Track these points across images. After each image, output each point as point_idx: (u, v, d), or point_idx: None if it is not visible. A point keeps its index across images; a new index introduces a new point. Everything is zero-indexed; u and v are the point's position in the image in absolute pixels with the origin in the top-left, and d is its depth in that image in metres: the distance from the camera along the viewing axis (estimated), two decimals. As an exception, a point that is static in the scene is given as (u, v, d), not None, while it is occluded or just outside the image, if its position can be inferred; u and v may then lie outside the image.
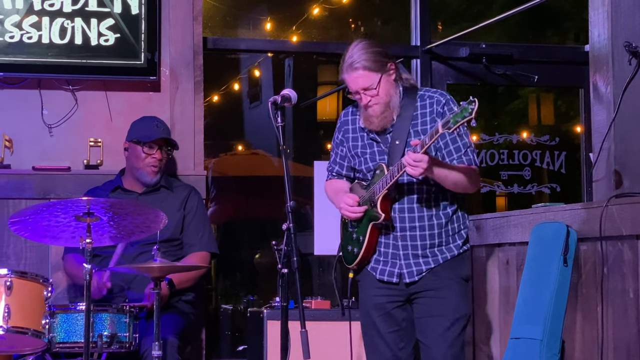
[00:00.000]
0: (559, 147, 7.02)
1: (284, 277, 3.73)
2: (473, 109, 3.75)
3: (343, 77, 4.17)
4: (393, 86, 4.17)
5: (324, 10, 7.51)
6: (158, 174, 5.10)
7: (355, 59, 4.11)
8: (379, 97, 4.13)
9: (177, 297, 4.98)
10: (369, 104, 4.15)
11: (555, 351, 4.33)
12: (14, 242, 5.34)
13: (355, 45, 4.15)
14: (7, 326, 4.15)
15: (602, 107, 4.79)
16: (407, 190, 4.18)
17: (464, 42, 6.49)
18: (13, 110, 5.49)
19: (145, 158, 5.07)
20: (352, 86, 4.15)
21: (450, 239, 4.21)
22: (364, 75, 4.10)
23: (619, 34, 4.72)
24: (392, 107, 4.16)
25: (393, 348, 4.24)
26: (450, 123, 3.80)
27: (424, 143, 3.91)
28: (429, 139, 3.90)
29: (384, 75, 4.13)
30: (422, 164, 3.90)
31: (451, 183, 4.09)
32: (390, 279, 4.20)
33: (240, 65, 8.49)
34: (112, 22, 5.48)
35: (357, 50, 4.13)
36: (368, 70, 4.10)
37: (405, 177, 4.12)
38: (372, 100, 4.13)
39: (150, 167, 5.07)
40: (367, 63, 4.10)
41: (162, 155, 5.08)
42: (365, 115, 4.20)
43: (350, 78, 4.14)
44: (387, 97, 4.15)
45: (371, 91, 4.12)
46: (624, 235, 4.18)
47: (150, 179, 5.09)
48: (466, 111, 3.76)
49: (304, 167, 7.43)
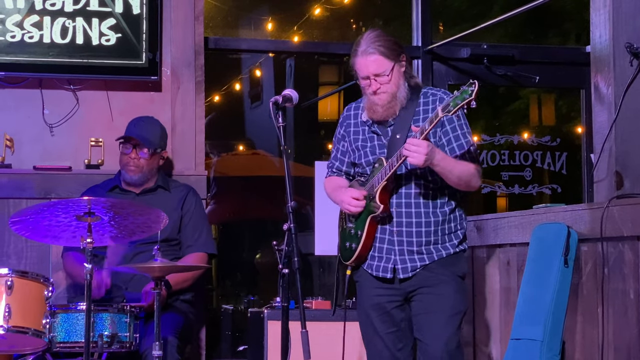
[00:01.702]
0: (560, 148, 7.02)
1: (285, 278, 3.73)
2: (473, 90, 3.75)
3: (355, 60, 4.15)
4: (402, 78, 4.17)
5: (325, 10, 7.51)
6: (139, 173, 5.07)
7: (370, 44, 4.10)
8: (389, 86, 4.12)
9: (175, 296, 4.98)
10: (377, 91, 4.13)
11: (555, 352, 4.33)
12: (15, 241, 5.34)
13: (371, 32, 4.16)
14: (8, 326, 4.15)
15: (603, 108, 4.79)
16: (405, 185, 4.17)
17: (465, 43, 6.49)
18: (14, 110, 5.50)
19: (122, 157, 5.08)
20: (363, 70, 4.13)
21: (446, 237, 4.20)
22: (378, 60, 4.09)
23: (621, 35, 4.72)
24: (399, 98, 4.15)
25: (391, 348, 4.24)
26: (450, 106, 3.80)
27: (424, 129, 3.91)
28: (428, 124, 3.90)
29: (397, 64, 4.13)
30: (421, 149, 3.88)
31: (456, 177, 4.07)
32: (384, 274, 4.19)
33: (241, 66, 8.49)
34: (114, 21, 5.49)
35: (373, 36, 4.13)
36: (383, 56, 4.10)
37: (404, 171, 4.11)
38: (381, 87, 4.12)
39: (127, 166, 5.07)
40: (382, 49, 4.10)
41: (137, 154, 5.06)
42: (370, 103, 4.19)
43: (364, 62, 4.12)
44: (396, 87, 4.14)
45: (382, 78, 4.11)
46: (624, 236, 4.19)
47: (130, 177, 5.08)
48: (466, 93, 3.76)
49: (305, 167, 7.42)
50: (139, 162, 5.06)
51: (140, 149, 5.05)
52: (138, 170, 5.06)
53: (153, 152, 5.08)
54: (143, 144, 5.04)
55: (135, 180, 5.08)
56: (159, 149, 5.13)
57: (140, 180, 5.09)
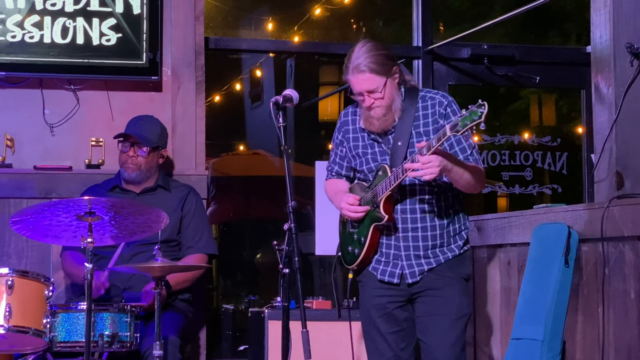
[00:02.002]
0: (561, 148, 7.02)
1: (285, 277, 3.73)
2: (482, 112, 3.72)
3: (347, 77, 4.14)
4: (396, 89, 4.16)
5: (326, 10, 7.52)
6: (137, 171, 5.07)
7: (361, 61, 4.07)
8: (382, 101, 4.11)
9: (173, 296, 4.98)
10: (371, 106, 4.14)
11: (556, 352, 4.33)
12: (16, 241, 5.34)
13: (362, 47, 4.12)
14: (8, 325, 4.15)
15: (603, 108, 4.79)
16: (409, 191, 4.17)
17: (466, 43, 6.49)
18: (15, 110, 5.50)
19: (121, 155, 5.09)
20: (356, 87, 4.13)
21: (451, 239, 4.20)
22: (369, 78, 4.08)
23: (621, 35, 4.72)
24: (394, 110, 4.15)
25: (394, 348, 4.23)
26: (458, 126, 3.77)
27: (431, 145, 3.89)
28: (435, 141, 3.87)
29: (389, 79, 4.11)
30: (433, 163, 3.87)
31: (465, 181, 4.06)
32: (391, 279, 4.19)
33: (241, 66, 8.50)
34: (114, 21, 5.48)
35: (364, 52, 4.10)
36: (374, 74, 4.08)
37: (408, 178, 4.11)
38: (375, 102, 4.12)
39: (125, 164, 5.07)
40: (373, 66, 4.07)
41: (135, 152, 5.06)
42: (366, 116, 4.19)
43: (356, 80, 4.11)
44: (390, 100, 4.13)
45: (375, 94, 4.10)
46: (625, 237, 4.18)
47: (128, 175, 5.08)
48: (475, 114, 3.74)
49: (305, 167, 7.43)
50: (137, 160, 5.06)
51: (138, 147, 5.05)
52: (136, 168, 5.06)
53: (151, 150, 5.08)
54: (141, 142, 5.04)
55: (134, 178, 5.08)
56: (157, 147, 5.13)
57: (138, 178, 5.08)
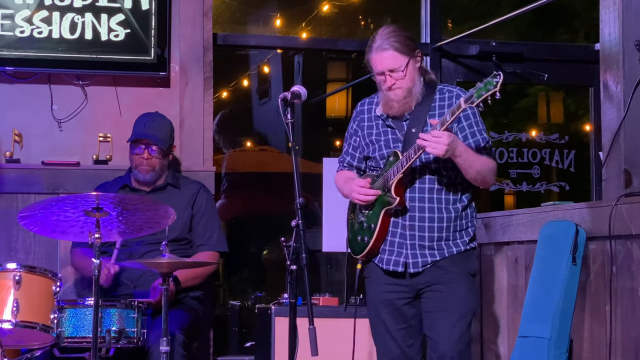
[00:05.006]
0: (569, 146, 7.01)
1: (293, 274, 3.73)
2: (498, 81, 3.72)
3: (370, 56, 4.15)
4: (417, 73, 4.17)
5: (334, 7, 7.50)
6: (151, 172, 5.06)
7: (385, 40, 4.11)
8: (404, 81, 4.12)
9: (184, 293, 4.98)
10: (392, 87, 4.13)
11: (563, 350, 4.33)
12: (23, 236, 5.35)
13: (386, 28, 4.16)
14: (16, 320, 4.17)
15: (612, 106, 4.78)
16: (419, 179, 4.16)
17: (474, 40, 6.48)
18: (23, 105, 5.51)
19: (134, 157, 5.07)
20: (378, 66, 4.14)
21: (457, 234, 4.19)
22: (393, 56, 4.10)
23: (630, 32, 4.71)
24: (414, 94, 4.15)
25: (402, 345, 4.24)
26: (474, 97, 3.78)
27: (445, 120, 3.89)
28: (450, 115, 3.89)
29: (412, 59, 4.13)
30: (442, 139, 3.87)
31: (475, 171, 4.06)
32: (395, 268, 4.18)
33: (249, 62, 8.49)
34: (123, 17, 5.49)
35: (388, 32, 4.13)
36: (398, 52, 4.10)
37: (419, 165, 4.10)
38: (396, 83, 4.13)
39: (140, 166, 5.06)
40: (397, 45, 4.10)
41: (149, 154, 5.06)
42: (386, 99, 4.19)
43: (379, 58, 4.12)
44: (411, 83, 4.14)
45: (398, 73, 4.11)
46: (633, 235, 4.18)
47: (143, 177, 5.07)
48: (490, 84, 3.74)
49: (313, 163, 7.42)
50: (151, 162, 5.05)
51: (152, 149, 5.05)
52: (151, 169, 5.06)
53: (165, 151, 5.09)
54: (154, 144, 5.04)
55: (149, 180, 5.08)
56: (170, 146, 5.14)
57: (152, 178, 5.08)
